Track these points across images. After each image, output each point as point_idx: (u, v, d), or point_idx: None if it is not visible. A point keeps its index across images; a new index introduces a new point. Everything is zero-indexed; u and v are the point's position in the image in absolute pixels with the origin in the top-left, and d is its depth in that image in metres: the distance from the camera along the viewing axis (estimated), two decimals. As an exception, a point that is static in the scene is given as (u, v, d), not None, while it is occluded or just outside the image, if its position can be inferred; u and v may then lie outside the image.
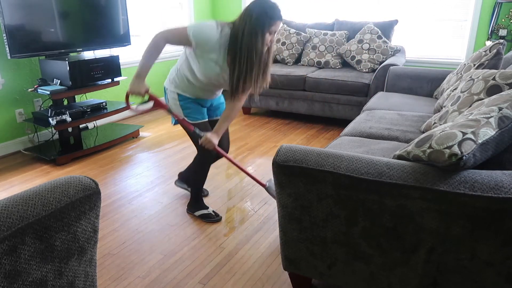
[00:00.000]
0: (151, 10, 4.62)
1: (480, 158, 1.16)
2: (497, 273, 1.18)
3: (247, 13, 1.84)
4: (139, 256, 1.96)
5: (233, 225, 2.23)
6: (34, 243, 0.90)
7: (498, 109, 1.25)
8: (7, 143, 3.28)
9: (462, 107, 1.85)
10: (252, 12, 1.82)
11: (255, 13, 1.81)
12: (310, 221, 1.41)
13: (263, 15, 1.81)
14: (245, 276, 1.80)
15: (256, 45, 1.83)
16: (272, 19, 1.82)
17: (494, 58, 2.49)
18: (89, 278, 1.11)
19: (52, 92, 3.02)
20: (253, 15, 1.81)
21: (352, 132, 2.38)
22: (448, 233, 1.19)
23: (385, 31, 4.12)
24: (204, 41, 1.88)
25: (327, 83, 3.82)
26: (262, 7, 1.82)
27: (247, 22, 1.82)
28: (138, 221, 2.27)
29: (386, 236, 1.29)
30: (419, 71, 3.31)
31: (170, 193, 2.61)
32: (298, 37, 4.40)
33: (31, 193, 0.94)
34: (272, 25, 1.84)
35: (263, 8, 1.81)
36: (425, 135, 1.28)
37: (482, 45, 4.12)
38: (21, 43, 2.91)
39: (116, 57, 3.45)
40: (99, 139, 3.45)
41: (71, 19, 3.25)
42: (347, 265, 1.41)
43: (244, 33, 1.82)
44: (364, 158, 1.30)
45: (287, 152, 1.39)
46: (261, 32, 1.82)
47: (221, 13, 5.46)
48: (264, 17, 1.81)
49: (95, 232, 1.09)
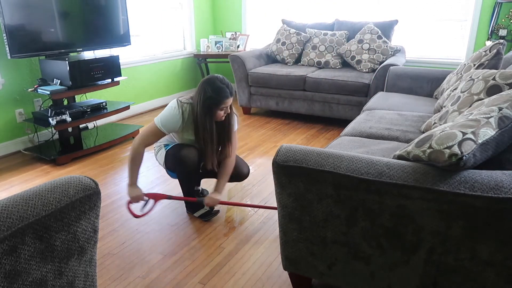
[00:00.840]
0: (151, 10, 4.62)
1: (480, 158, 1.16)
2: (497, 273, 1.18)
3: (200, 92, 2.03)
4: (139, 256, 1.96)
5: (233, 225, 2.23)
6: (34, 243, 0.90)
7: (498, 109, 1.25)
8: (7, 143, 3.28)
9: (462, 107, 1.85)
10: (203, 92, 2.01)
11: (206, 94, 2.00)
12: (310, 221, 1.41)
13: (212, 97, 2.00)
14: (245, 276, 1.80)
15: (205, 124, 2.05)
16: (221, 100, 2.01)
17: (494, 58, 2.49)
18: (89, 278, 1.11)
19: (52, 92, 3.02)
20: (205, 96, 2.01)
21: (352, 132, 2.38)
22: (448, 233, 1.19)
23: (385, 31, 4.12)
24: (173, 127, 2.08)
25: (327, 83, 3.82)
26: (212, 88, 2.00)
27: (199, 102, 2.02)
28: (138, 221, 2.27)
29: (386, 236, 1.29)
30: (419, 71, 3.31)
31: (170, 193, 2.61)
32: (298, 37, 4.40)
33: (31, 193, 0.94)
34: (221, 104, 2.02)
35: (213, 89, 2.00)
36: (425, 135, 1.28)
37: (482, 45, 4.12)
38: (21, 43, 2.91)
39: (116, 57, 3.45)
40: (99, 139, 3.45)
41: (71, 19, 3.25)
42: (347, 265, 1.41)
43: (197, 112, 2.04)
44: (364, 158, 1.30)
45: (287, 152, 1.39)
46: (209, 112, 2.03)
47: (221, 13, 5.46)
48: (212, 99, 2.00)
49: (95, 232, 1.09)
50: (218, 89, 2.00)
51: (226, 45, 5.05)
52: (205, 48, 5.10)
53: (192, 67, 5.29)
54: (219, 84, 2.01)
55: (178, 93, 5.13)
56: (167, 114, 2.07)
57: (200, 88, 2.04)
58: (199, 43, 5.31)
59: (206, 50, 5.10)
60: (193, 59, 5.26)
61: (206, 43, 5.10)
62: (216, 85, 2.00)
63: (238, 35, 5.12)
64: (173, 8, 4.95)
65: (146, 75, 4.58)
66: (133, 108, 4.47)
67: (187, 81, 5.25)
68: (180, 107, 2.06)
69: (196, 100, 2.04)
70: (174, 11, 4.98)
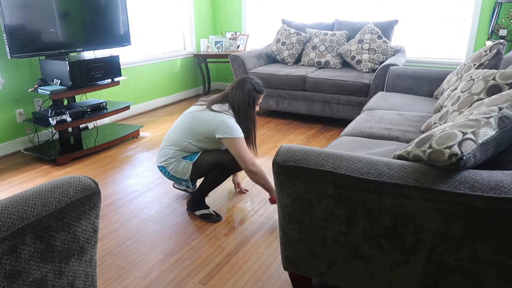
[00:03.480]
0: (151, 10, 4.62)
1: (480, 158, 1.16)
2: (497, 273, 1.18)
3: (241, 88, 2.23)
4: (139, 256, 1.96)
5: (233, 225, 2.23)
6: (34, 243, 0.90)
7: (498, 109, 1.25)
8: (7, 143, 3.28)
9: (462, 107, 1.85)
10: (245, 87, 2.23)
11: (250, 88, 2.23)
12: (310, 221, 1.41)
13: (255, 90, 2.24)
14: (245, 276, 1.80)
15: (250, 115, 2.25)
16: (261, 93, 2.27)
17: (494, 58, 2.49)
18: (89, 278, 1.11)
19: (52, 92, 3.02)
20: (248, 91, 2.22)
21: (352, 132, 2.38)
22: (448, 233, 1.19)
23: (385, 31, 4.12)
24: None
25: (327, 83, 3.82)
26: (253, 83, 2.25)
27: (243, 97, 2.22)
28: (138, 221, 2.27)
29: (386, 236, 1.29)
30: (419, 71, 3.31)
31: (170, 193, 2.61)
32: (298, 37, 4.40)
33: (31, 193, 0.94)
34: (261, 97, 2.29)
35: (254, 84, 2.25)
36: (425, 135, 1.28)
37: (482, 45, 4.12)
38: (21, 43, 2.91)
39: (116, 57, 3.45)
40: (99, 139, 3.45)
41: (71, 19, 3.25)
42: (347, 265, 1.41)
43: (241, 107, 2.22)
44: (364, 158, 1.30)
45: (287, 152, 1.39)
46: (252, 104, 2.25)
47: (221, 13, 5.46)
48: (256, 92, 2.25)
49: (95, 232, 1.09)
50: (258, 84, 2.26)
51: (226, 45, 5.05)
52: (205, 48, 5.10)
53: (192, 67, 5.29)
54: (256, 81, 2.27)
55: (178, 93, 5.13)
56: (235, 124, 2.17)
57: (240, 86, 2.23)
58: (199, 43, 5.31)
59: (206, 50, 5.10)
60: (193, 59, 5.26)
61: (206, 43, 5.10)
62: (255, 81, 2.26)
63: (238, 35, 5.12)
64: (173, 8, 4.95)
65: (146, 75, 4.58)
66: (133, 108, 4.47)
67: (187, 81, 5.25)
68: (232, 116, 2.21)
69: (238, 96, 2.22)
70: (174, 11, 4.98)
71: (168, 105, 4.93)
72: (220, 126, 2.13)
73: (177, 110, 4.72)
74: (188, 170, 2.22)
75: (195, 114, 2.23)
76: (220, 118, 2.14)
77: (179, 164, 2.23)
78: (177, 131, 2.25)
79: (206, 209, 2.30)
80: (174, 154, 2.24)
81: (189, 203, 2.34)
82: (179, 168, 2.23)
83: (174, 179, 2.30)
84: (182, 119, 2.28)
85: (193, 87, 5.39)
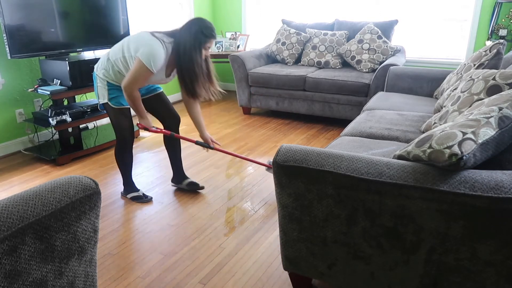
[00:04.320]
0: (151, 10, 4.62)
1: (480, 158, 1.16)
2: (497, 273, 1.18)
3: (187, 29, 2.17)
4: (139, 256, 1.96)
5: (233, 225, 2.23)
6: (34, 243, 0.90)
7: (498, 109, 1.25)
8: (7, 143, 3.28)
9: (462, 107, 1.85)
10: (194, 28, 2.15)
11: (193, 31, 2.14)
12: (310, 221, 1.41)
13: (203, 33, 2.15)
14: (245, 276, 1.80)
15: (196, 58, 2.17)
16: (211, 37, 2.18)
17: (494, 58, 2.49)
18: (89, 278, 1.11)
19: (52, 92, 3.02)
20: (196, 32, 2.14)
21: (352, 132, 2.38)
22: (448, 233, 1.19)
23: (385, 31, 4.12)
24: (160, 67, 2.19)
25: (327, 83, 3.82)
26: (204, 25, 2.16)
27: (187, 39, 2.15)
28: (138, 221, 2.27)
29: (386, 236, 1.29)
30: (419, 71, 3.31)
31: (170, 193, 2.61)
32: (298, 37, 4.40)
33: (31, 193, 0.94)
34: (209, 41, 2.20)
35: (204, 27, 2.16)
36: (425, 135, 1.28)
37: (482, 45, 4.12)
38: (21, 43, 2.91)
39: (116, 57, 3.44)
40: (99, 139, 3.45)
41: (71, 19, 3.25)
42: (347, 265, 1.41)
43: (185, 48, 2.15)
44: (364, 158, 1.30)
45: (287, 152, 1.39)
46: (199, 47, 2.17)
47: (221, 13, 5.46)
48: (203, 35, 2.16)
49: (95, 232, 1.09)
50: (209, 28, 2.17)
51: (226, 45, 5.05)
52: (205, 48, 5.09)
53: (192, 67, 5.28)
54: (208, 23, 2.19)
55: (178, 93, 5.13)
56: (155, 54, 2.11)
57: (189, 25, 2.17)
58: (199, 43, 5.30)
59: (206, 50, 5.09)
60: (193, 59, 5.25)
61: (206, 43, 5.10)
62: (206, 24, 2.17)
63: (238, 35, 5.12)
64: (173, 8, 4.95)
65: (146, 75, 4.57)
66: (133, 108, 4.47)
67: (187, 81, 5.24)
68: (165, 47, 2.16)
69: (184, 37, 2.15)
70: (174, 11, 4.98)
71: (168, 105, 4.93)
72: (144, 49, 2.12)
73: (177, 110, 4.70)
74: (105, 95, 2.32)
75: (137, 34, 2.26)
76: (151, 42, 2.13)
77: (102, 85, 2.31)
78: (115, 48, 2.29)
79: (136, 191, 2.52)
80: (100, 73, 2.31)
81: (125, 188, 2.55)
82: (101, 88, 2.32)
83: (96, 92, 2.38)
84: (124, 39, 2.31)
85: (193, 87, 5.39)
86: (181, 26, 2.20)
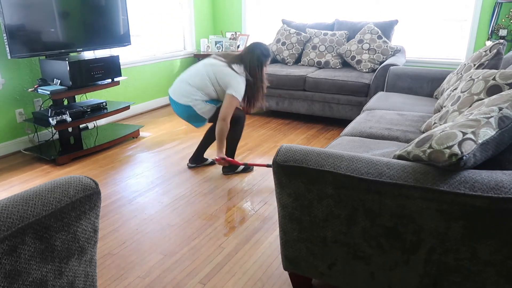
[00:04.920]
0: (151, 10, 4.62)
1: (480, 158, 1.16)
2: (497, 273, 1.18)
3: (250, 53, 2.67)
4: (139, 256, 1.96)
5: (233, 225, 2.23)
6: (34, 243, 0.90)
7: (498, 109, 1.25)
8: (7, 143, 3.28)
9: (462, 107, 1.85)
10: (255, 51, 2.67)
11: (256, 54, 2.66)
12: (310, 221, 1.41)
13: (264, 54, 2.69)
14: (245, 276, 1.80)
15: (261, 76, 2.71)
16: (269, 57, 2.73)
17: (494, 58, 2.49)
18: (89, 278, 1.11)
19: (52, 92, 3.02)
20: (258, 54, 2.66)
21: (352, 132, 2.38)
22: (448, 233, 1.19)
23: (385, 31, 4.12)
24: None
25: (327, 83, 3.82)
26: (263, 48, 2.69)
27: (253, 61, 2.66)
28: (138, 221, 2.27)
29: (386, 236, 1.29)
30: (419, 71, 3.31)
31: (170, 193, 2.61)
32: (298, 37, 4.40)
33: (31, 193, 0.94)
34: (268, 60, 2.74)
35: (264, 49, 2.69)
36: (425, 135, 1.28)
37: (482, 45, 4.12)
38: (21, 43, 2.91)
39: (116, 57, 3.45)
40: (99, 139, 3.45)
41: (71, 19, 3.25)
42: (347, 265, 1.41)
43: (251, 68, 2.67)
44: (364, 158, 1.30)
45: (287, 152, 1.39)
46: (261, 66, 2.70)
47: (221, 13, 5.46)
48: (264, 56, 2.69)
49: (95, 232, 1.09)
50: (267, 49, 2.71)
51: (226, 45, 5.05)
52: (205, 48, 5.10)
53: (192, 67, 5.29)
54: (265, 45, 2.72)
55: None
56: (242, 88, 2.65)
57: (251, 50, 2.68)
58: (199, 43, 5.31)
59: (206, 50, 5.10)
60: (193, 59, 5.26)
61: (206, 43, 5.10)
62: (264, 47, 2.70)
63: (238, 35, 5.12)
64: (173, 8, 4.95)
65: (146, 75, 4.58)
66: (133, 108, 4.47)
67: (187, 81, 5.25)
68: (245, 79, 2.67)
69: (249, 60, 2.66)
70: (174, 11, 4.98)
71: (168, 105, 4.93)
72: (234, 85, 2.61)
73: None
74: (211, 112, 2.71)
75: (219, 68, 2.65)
76: (237, 79, 2.62)
77: (205, 106, 2.69)
78: (200, 77, 2.66)
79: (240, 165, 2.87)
80: (199, 96, 2.67)
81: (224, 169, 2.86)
82: (205, 109, 2.70)
83: (191, 119, 2.73)
84: (206, 69, 2.67)
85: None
86: (243, 51, 2.71)
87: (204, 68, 2.68)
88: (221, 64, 2.67)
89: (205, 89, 2.66)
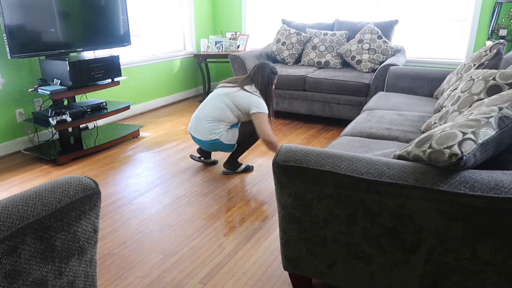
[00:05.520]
0: (151, 10, 4.62)
1: (480, 158, 1.16)
2: (497, 273, 1.18)
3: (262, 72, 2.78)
4: (139, 256, 1.96)
5: (233, 225, 2.23)
6: (34, 243, 0.90)
7: (498, 109, 1.25)
8: (7, 143, 3.28)
9: (462, 107, 1.85)
10: (265, 71, 2.79)
11: (269, 72, 2.80)
12: (310, 221, 1.41)
13: (273, 73, 2.83)
14: (245, 276, 1.80)
15: (270, 93, 2.83)
16: (276, 75, 2.86)
17: (494, 58, 2.49)
18: (89, 278, 1.11)
19: (52, 92, 3.02)
20: (267, 73, 2.79)
21: (352, 132, 2.38)
22: (448, 233, 1.19)
23: (385, 31, 4.12)
24: None
25: (327, 83, 3.82)
26: (270, 67, 2.82)
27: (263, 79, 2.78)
28: (138, 221, 2.27)
29: (386, 236, 1.29)
30: (419, 71, 3.31)
31: (170, 193, 2.61)
32: (298, 37, 4.40)
33: (31, 193, 0.94)
34: (275, 79, 2.86)
35: (271, 68, 2.82)
36: (425, 135, 1.28)
37: (482, 45, 4.12)
38: (21, 43, 2.91)
39: (116, 57, 3.45)
40: (99, 139, 3.45)
41: (71, 19, 3.25)
42: (347, 265, 1.41)
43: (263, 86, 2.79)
44: (364, 158, 1.30)
45: (287, 152, 1.39)
46: (270, 84, 2.82)
47: (221, 13, 5.46)
48: (273, 75, 2.83)
49: (95, 232, 1.09)
50: (274, 68, 2.84)
51: (226, 45, 5.05)
52: (205, 48, 5.10)
53: (192, 67, 5.29)
54: (271, 65, 2.84)
55: (178, 93, 5.13)
56: (263, 102, 2.73)
57: (260, 70, 2.79)
58: (199, 43, 5.31)
59: (206, 50, 5.09)
60: (193, 59, 5.26)
61: (206, 43, 5.10)
62: (271, 65, 2.83)
63: (238, 35, 5.12)
64: (173, 8, 4.95)
65: (146, 75, 4.58)
66: (133, 108, 4.47)
67: (187, 81, 5.25)
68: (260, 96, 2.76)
69: (259, 79, 2.77)
70: (174, 11, 4.98)
71: (168, 105, 4.93)
72: (255, 103, 2.68)
73: (177, 110, 4.72)
74: (236, 136, 2.77)
75: (233, 94, 2.72)
76: (255, 97, 2.71)
77: (230, 132, 2.75)
78: (219, 110, 2.71)
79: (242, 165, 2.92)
80: (222, 127, 2.73)
81: (227, 166, 2.89)
82: (232, 136, 2.75)
83: (222, 148, 2.77)
84: (222, 99, 2.72)
85: (193, 87, 5.39)
86: (252, 71, 2.81)
87: (219, 100, 2.72)
88: (234, 90, 2.73)
89: (227, 119, 2.71)
